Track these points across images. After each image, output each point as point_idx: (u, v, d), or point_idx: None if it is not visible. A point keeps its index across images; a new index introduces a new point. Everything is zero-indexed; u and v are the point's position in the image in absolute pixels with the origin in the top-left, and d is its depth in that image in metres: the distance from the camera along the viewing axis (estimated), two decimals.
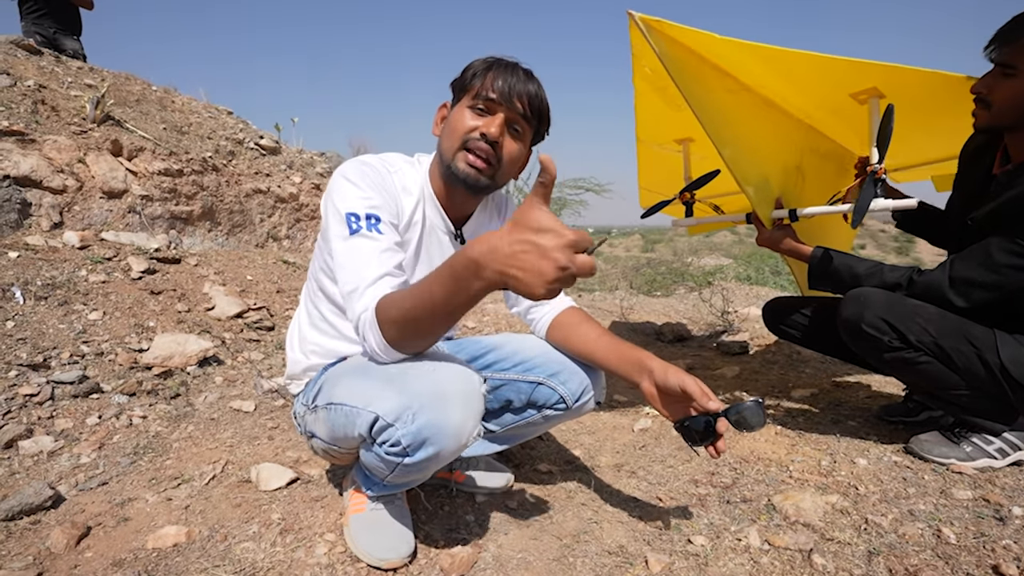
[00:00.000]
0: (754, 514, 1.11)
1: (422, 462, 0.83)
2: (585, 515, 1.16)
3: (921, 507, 1.07)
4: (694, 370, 2.33)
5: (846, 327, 1.29)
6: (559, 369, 1.05)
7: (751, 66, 1.35)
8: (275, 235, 3.61)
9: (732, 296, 4.16)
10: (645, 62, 1.45)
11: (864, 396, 1.83)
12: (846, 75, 1.34)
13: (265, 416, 1.66)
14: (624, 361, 0.97)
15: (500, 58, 0.97)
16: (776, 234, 1.47)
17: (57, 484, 1.21)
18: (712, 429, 0.87)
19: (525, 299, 1.13)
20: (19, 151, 2.37)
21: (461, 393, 0.82)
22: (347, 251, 0.86)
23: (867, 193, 1.25)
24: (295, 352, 1.09)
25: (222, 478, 1.27)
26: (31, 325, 1.78)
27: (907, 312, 1.22)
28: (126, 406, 1.60)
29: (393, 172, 0.99)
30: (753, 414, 0.85)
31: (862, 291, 1.28)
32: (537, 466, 1.38)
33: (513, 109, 0.94)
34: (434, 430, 0.79)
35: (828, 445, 1.40)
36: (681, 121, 1.74)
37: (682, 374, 0.89)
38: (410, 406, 0.79)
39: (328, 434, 0.95)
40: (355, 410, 0.85)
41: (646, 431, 1.64)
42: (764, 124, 1.51)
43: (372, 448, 0.86)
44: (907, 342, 1.21)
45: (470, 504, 1.18)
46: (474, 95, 0.94)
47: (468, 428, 0.83)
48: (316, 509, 1.13)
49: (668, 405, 0.93)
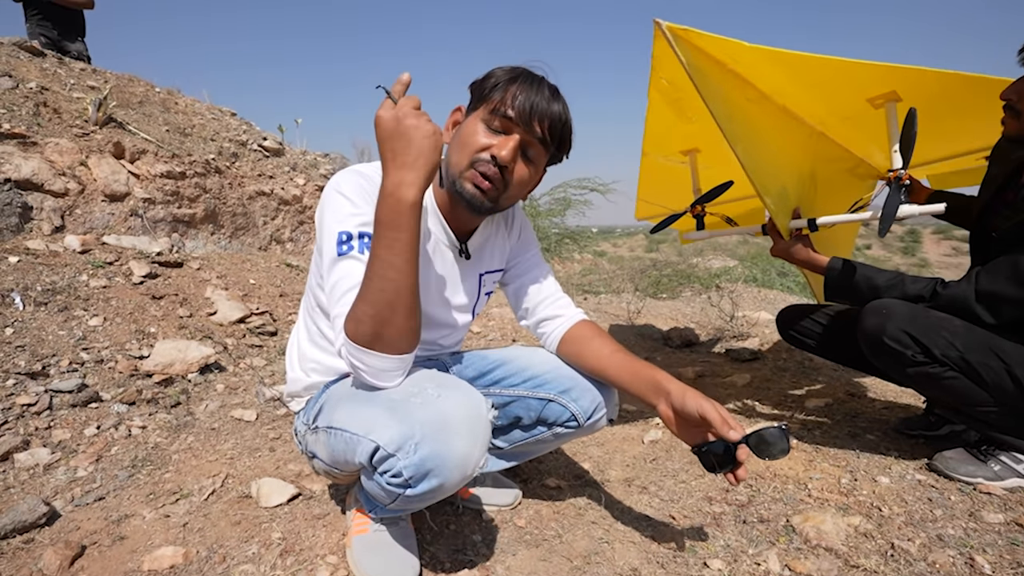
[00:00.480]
0: (773, 536, 1.07)
1: (425, 494, 0.78)
2: (596, 534, 1.12)
3: (950, 531, 1.02)
4: (703, 377, 2.29)
5: (867, 340, 1.24)
6: (570, 385, 1.01)
7: (771, 72, 1.32)
8: (278, 238, 3.59)
9: (740, 299, 4.12)
10: (663, 73, 1.42)
11: (881, 407, 1.78)
12: (866, 79, 1.30)
13: (267, 426, 1.63)
14: (639, 380, 0.93)
15: (526, 70, 0.88)
16: (792, 244, 1.43)
17: (52, 499, 1.18)
18: (732, 456, 0.82)
19: (535, 312, 1.10)
20: (20, 154, 2.35)
21: (467, 421, 0.78)
22: (335, 274, 0.82)
23: (893, 200, 1.20)
24: (295, 370, 1.05)
25: (222, 493, 1.24)
26: (30, 332, 1.75)
27: (932, 325, 1.17)
28: (125, 416, 1.57)
29: None
30: (776, 442, 0.81)
31: (884, 302, 1.24)
32: (545, 481, 1.33)
33: (531, 132, 0.86)
34: (437, 461, 0.75)
35: (847, 461, 1.35)
36: (689, 133, 1.72)
37: (700, 398, 0.85)
38: (412, 435, 0.75)
39: (329, 457, 0.91)
40: (355, 437, 0.80)
41: (656, 443, 1.60)
42: (782, 133, 1.48)
43: (373, 477, 0.82)
44: (932, 356, 1.16)
45: (477, 522, 1.14)
46: (492, 109, 0.86)
47: (474, 458, 0.78)
48: (318, 528, 1.10)
49: (685, 429, 0.89)
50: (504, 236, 1.10)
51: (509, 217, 1.12)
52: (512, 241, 1.11)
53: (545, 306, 1.08)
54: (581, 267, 7.65)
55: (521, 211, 1.15)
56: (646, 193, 2.25)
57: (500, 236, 1.09)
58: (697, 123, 1.61)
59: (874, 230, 1.41)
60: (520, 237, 1.12)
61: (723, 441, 0.84)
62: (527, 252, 1.12)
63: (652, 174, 2.05)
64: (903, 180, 1.21)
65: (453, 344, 1.13)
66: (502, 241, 1.10)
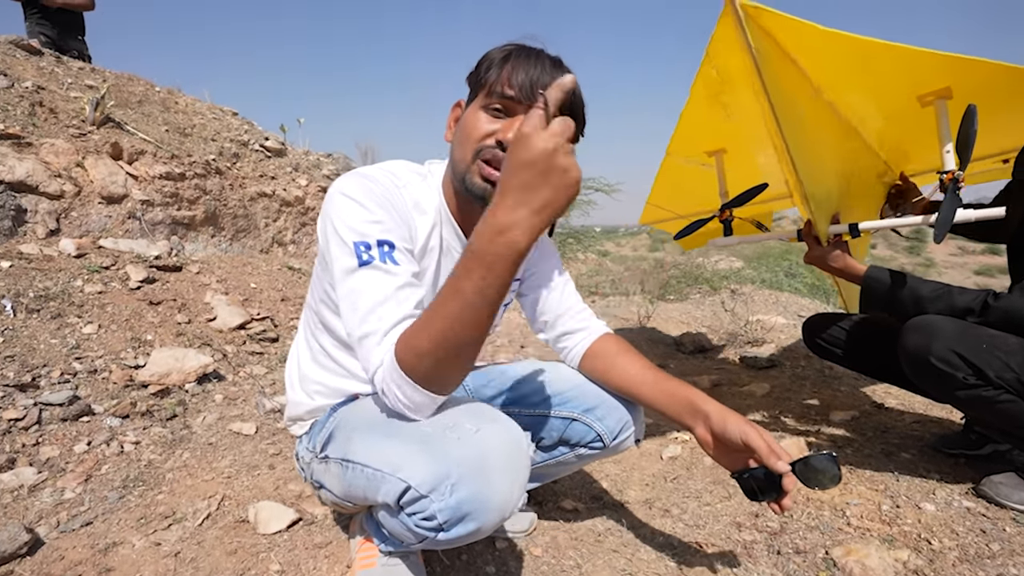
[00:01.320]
0: (812, 570, 0.99)
1: (459, 538, 0.69)
2: (618, 564, 1.04)
3: (1012, 571, 0.94)
4: (720, 386, 2.20)
5: (910, 360, 1.14)
6: (596, 404, 0.93)
7: (832, 61, 1.24)
8: (280, 240, 3.51)
9: (751, 302, 4.02)
10: (716, 61, 1.34)
11: (912, 421, 1.69)
12: (923, 71, 1.22)
13: (266, 440, 1.55)
14: (674, 401, 0.85)
15: (521, 45, 0.79)
16: (829, 251, 1.34)
17: (36, 525, 1.10)
18: (776, 483, 0.75)
19: (555, 325, 1.01)
20: (15, 155, 2.28)
21: (507, 459, 0.69)
22: (357, 287, 0.71)
23: (950, 204, 1.11)
24: (296, 392, 0.96)
25: (217, 517, 1.16)
26: (21, 340, 1.68)
27: (984, 344, 1.07)
28: (118, 430, 1.49)
29: (402, 187, 0.83)
30: (826, 470, 0.74)
31: (928, 319, 1.14)
32: (561, 502, 1.25)
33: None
34: (476, 504, 0.66)
35: (886, 484, 1.26)
36: (720, 131, 1.63)
37: (743, 424, 0.77)
38: (448, 475, 0.66)
39: (342, 491, 0.82)
40: (379, 474, 0.71)
41: (676, 460, 1.52)
42: (828, 132, 1.40)
43: (399, 517, 0.72)
44: (985, 378, 1.06)
45: (490, 551, 1.06)
46: (489, 92, 0.77)
47: (513, 500, 0.70)
48: (319, 559, 1.02)
49: (724, 453, 0.81)
50: None
51: None
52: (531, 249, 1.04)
53: (566, 319, 1.00)
54: (586, 268, 7.56)
55: None
56: (658, 198, 2.16)
57: None
58: (733, 121, 1.53)
59: (881, 230, 1.33)
60: (539, 246, 1.04)
61: (766, 468, 0.76)
62: (546, 261, 1.04)
63: (669, 177, 1.97)
64: (960, 182, 1.12)
65: None
66: None
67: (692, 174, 1.89)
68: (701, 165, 1.78)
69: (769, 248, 12.85)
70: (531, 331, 2.96)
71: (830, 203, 1.36)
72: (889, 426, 1.66)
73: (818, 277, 7.04)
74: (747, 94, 1.32)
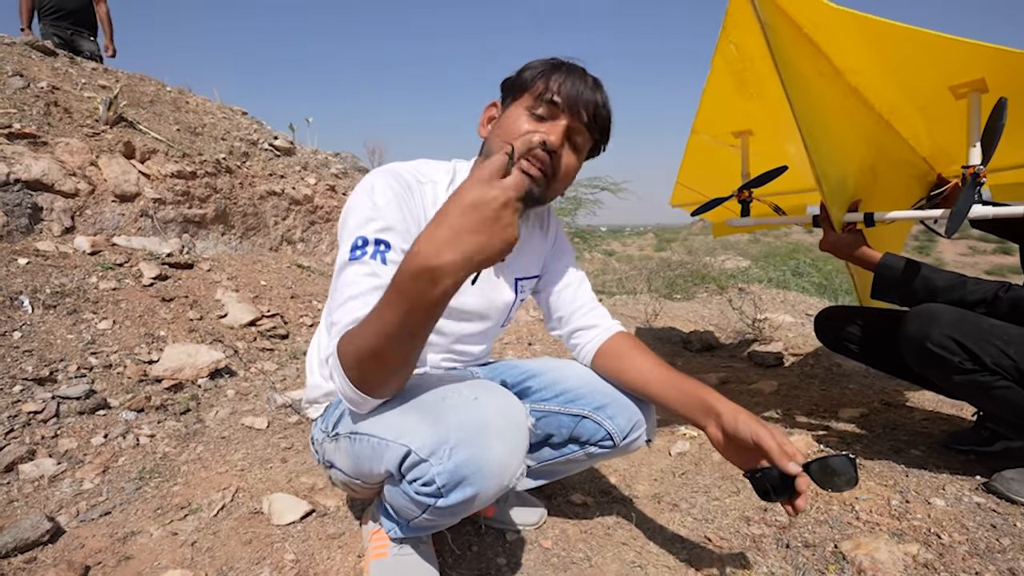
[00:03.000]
0: (821, 564, 0.99)
1: (457, 505, 0.72)
2: (627, 557, 1.05)
3: (1023, 565, 0.94)
4: (727, 384, 2.20)
5: (909, 345, 1.16)
6: (607, 401, 0.94)
7: (852, 44, 1.20)
8: (289, 238, 3.54)
9: (759, 301, 4.01)
10: (733, 36, 1.31)
11: (921, 419, 1.69)
12: (956, 61, 1.17)
13: (278, 435, 1.58)
14: (687, 400, 0.85)
15: (565, 61, 0.87)
16: (845, 238, 1.34)
17: (57, 514, 1.12)
18: (790, 484, 0.74)
19: (568, 321, 1.03)
20: (31, 154, 2.32)
21: (505, 427, 0.72)
22: (343, 280, 0.76)
23: (967, 197, 1.10)
24: (315, 376, 0.99)
25: (232, 508, 1.18)
26: (39, 336, 1.71)
27: (982, 331, 1.09)
28: (133, 423, 1.52)
29: (424, 183, 0.89)
30: (843, 472, 0.72)
31: (929, 306, 1.15)
32: (570, 497, 1.26)
33: (577, 118, 0.84)
34: (473, 468, 0.69)
35: (895, 480, 1.26)
36: (746, 111, 1.59)
37: (755, 423, 0.77)
38: (447, 440, 0.69)
39: (350, 467, 0.85)
40: (383, 442, 0.75)
41: (684, 455, 1.52)
42: (849, 117, 1.36)
43: (400, 485, 0.76)
44: (981, 364, 1.08)
45: (500, 543, 1.08)
46: (535, 97, 0.83)
47: (512, 468, 0.72)
48: (333, 549, 1.03)
49: (735, 453, 0.81)
50: (540, 238, 1.05)
51: (545, 222, 1.06)
52: (548, 245, 1.06)
53: (580, 316, 1.02)
54: (592, 267, 7.55)
55: (557, 218, 1.09)
56: (687, 177, 2.09)
57: (536, 238, 1.04)
58: (756, 100, 1.50)
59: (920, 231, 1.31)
60: (556, 243, 1.07)
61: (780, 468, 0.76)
62: (562, 259, 1.06)
63: (697, 156, 1.89)
64: (980, 177, 1.12)
65: (483, 354, 1.07)
66: (539, 243, 1.04)
67: (721, 155, 1.83)
68: (729, 146, 1.74)
69: (776, 247, 12.71)
70: (539, 329, 2.97)
71: (844, 189, 1.33)
72: (898, 423, 1.65)
73: (825, 276, 7.00)
74: (770, 73, 1.27)
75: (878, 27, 1.13)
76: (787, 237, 26.30)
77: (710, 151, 1.84)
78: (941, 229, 1.50)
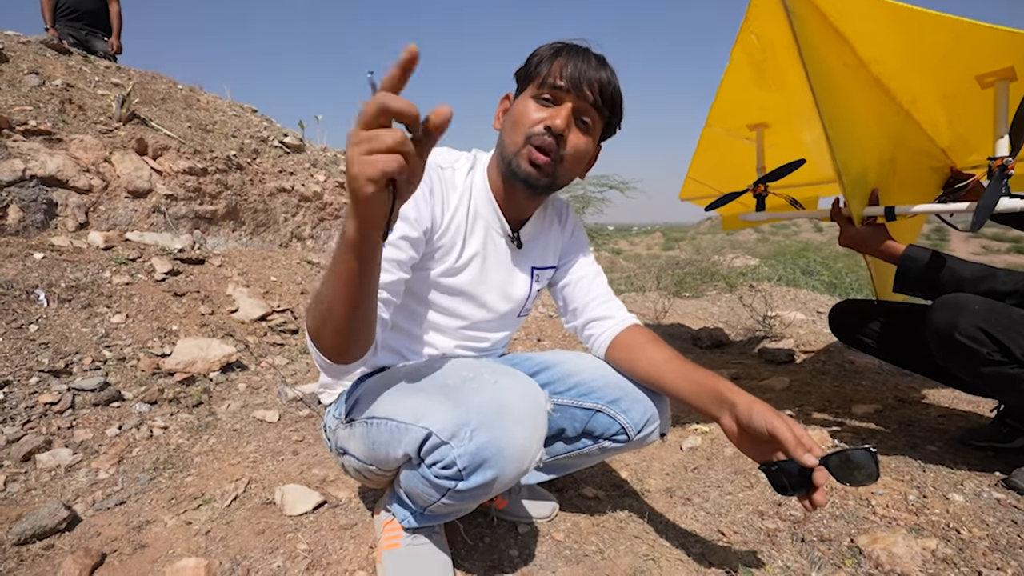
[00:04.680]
0: (837, 558, 0.98)
1: (477, 488, 0.72)
2: (640, 550, 1.04)
3: None
4: (739, 380, 2.18)
5: (937, 337, 1.14)
6: (620, 395, 0.93)
7: (879, 31, 1.18)
8: (299, 235, 3.56)
9: (769, 299, 3.98)
10: (754, 26, 1.30)
11: (936, 415, 1.66)
12: (984, 49, 1.14)
13: (289, 427, 1.58)
14: (701, 391, 0.84)
15: (569, 43, 0.86)
16: (866, 232, 1.32)
17: (73, 503, 1.14)
18: (807, 477, 0.72)
19: (583, 312, 1.02)
20: (46, 151, 2.35)
21: (526, 409, 0.72)
22: None
23: (994, 190, 1.07)
24: None
25: (244, 499, 1.18)
26: (54, 329, 1.73)
27: (1012, 322, 1.07)
28: (147, 415, 1.53)
29: (445, 168, 0.90)
30: (863, 465, 0.70)
31: (956, 296, 1.13)
32: (582, 490, 1.26)
33: (583, 98, 0.83)
34: (494, 450, 0.69)
35: (912, 475, 1.25)
36: (763, 103, 1.57)
37: (770, 413, 0.75)
38: (468, 422, 0.69)
39: (365, 453, 0.85)
40: (403, 426, 0.75)
41: (695, 450, 1.51)
42: (871, 108, 1.33)
43: (419, 469, 0.76)
44: (1011, 356, 1.06)
45: (512, 535, 1.07)
46: (539, 83, 0.84)
47: (532, 451, 0.72)
48: (345, 539, 1.04)
49: (751, 445, 0.80)
50: (558, 231, 1.05)
51: (563, 215, 1.07)
52: (565, 238, 1.06)
53: (594, 308, 1.02)
54: (600, 265, 7.52)
55: (574, 212, 1.09)
56: (698, 171, 2.06)
57: (554, 231, 1.04)
58: (775, 92, 1.48)
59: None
60: (573, 235, 1.07)
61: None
62: (579, 252, 1.07)
63: (710, 149, 1.87)
64: (1009, 169, 1.09)
65: (498, 344, 1.06)
66: (556, 236, 1.04)
67: (734, 148, 1.80)
68: (743, 139, 1.71)
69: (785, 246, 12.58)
70: (548, 325, 2.97)
71: (865, 182, 1.31)
72: (913, 420, 1.63)
73: (835, 275, 6.93)
74: (790, 64, 1.27)
75: (906, 14, 1.10)
76: (796, 236, 25.97)
77: (723, 144, 1.82)
78: (960, 224, 1.47)
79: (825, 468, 0.71)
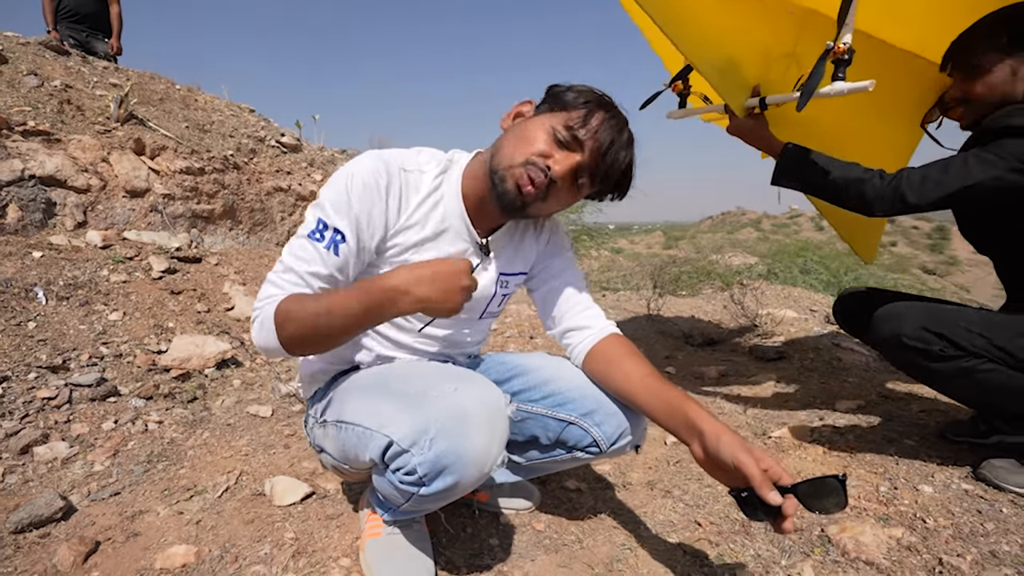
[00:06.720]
0: (807, 547, 1.01)
1: (439, 492, 0.75)
2: (618, 540, 1.07)
3: (1005, 548, 0.95)
4: (727, 377, 2.21)
5: (887, 346, 1.19)
6: (594, 408, 0.93)
7: None
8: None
9: (763, 297, 4.00)
10: None
11: (918, 411, 1.69)
12: None
13: (282, 422, 1.62)
14: (671, 414, 0.83)
15: (613, 104, 0.87)
16: (747, 123, 1.37)
17: (69, 493, 1.17)
18: (777, 507, 0.70)
19: (561, 320, 1.02)
20: (45, 151, 2.38)
21: (484, 416, 0.74)
22: (294, 248, 0.83)
23: (816, 73, 1.12)
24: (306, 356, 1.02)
25: (235, 490, 1.22)
26: (52, 326, 1.77)
27: (951, 317, 1.12)
28: (142, 410, 1.57)
29: (410, 172, 0.88)
30: (831, 495, 0.69)
31: (892, 307, 1.19)
32: (564, 483, 1.29)
33: (593, 163, 0.84)
34: (454, 458, 0.72)
35: (885, 468, 1.28)
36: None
37: (737, 447, 0.73)
38: (427, 430, 0.72)
39: (338, 452, 0.89)
40: (367, 432, 0.78)
41: (679, 445, 1.54)
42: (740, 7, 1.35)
43: (385, 474, 0.79)
44: (960, 348, 1.10)
45: (494, 526, 1.11)
46: (567, 120, 0.83)
47: (492, 455, 0.75)
48: (331, 529, 1.07)
49: (720, 472, 0.78)
50: (532, 238, 1.02)
51: (538, 221, 1.04)
52: (540, 245, 1.04)
53: (573, 316, 1.00)
54: (599, 264, 7.55)
55: (553, 219, 1.06)
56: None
57: (528, 239, 1.02)
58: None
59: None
60: (549, 242, 1.04)
61: None
62: (557, 257, 1.04)
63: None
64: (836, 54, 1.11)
65: (469, 344, 1.06)
66: (529, 244, 1.02)
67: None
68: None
69: (785, 245, 12.57)
70: (540, 324, 3.00)
71: (737, 74, 1.34)
72: (894, 415, 1.66)
73: (833, 274, 6.95)
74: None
75: None
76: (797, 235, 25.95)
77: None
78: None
79: (795, 495, 0.70)
